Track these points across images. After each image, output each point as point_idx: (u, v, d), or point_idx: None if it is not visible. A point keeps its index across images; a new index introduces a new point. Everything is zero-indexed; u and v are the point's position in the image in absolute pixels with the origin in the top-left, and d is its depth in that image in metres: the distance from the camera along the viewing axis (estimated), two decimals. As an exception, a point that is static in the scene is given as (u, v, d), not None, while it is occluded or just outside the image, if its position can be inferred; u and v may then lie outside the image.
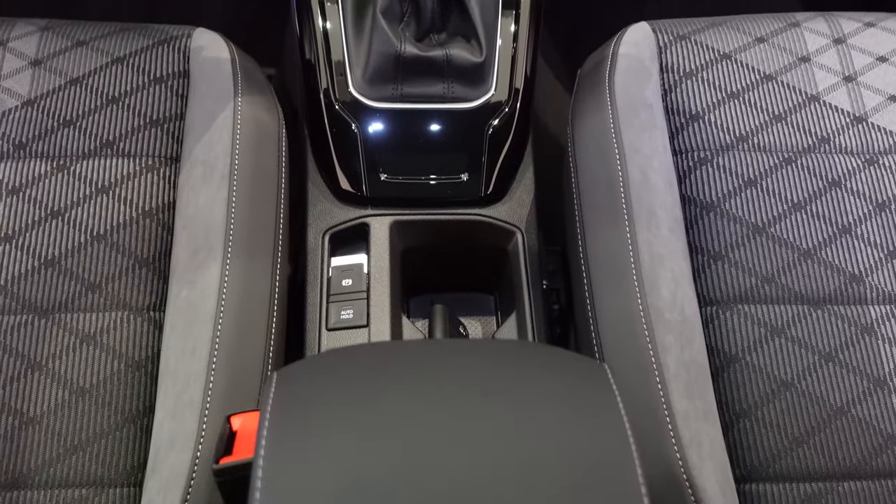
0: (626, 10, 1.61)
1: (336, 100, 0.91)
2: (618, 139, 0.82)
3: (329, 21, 0.94)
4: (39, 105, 0.85)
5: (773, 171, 0.83)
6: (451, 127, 0.91)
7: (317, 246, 0.90)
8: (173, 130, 0.85)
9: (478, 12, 0.89)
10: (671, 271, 0.75)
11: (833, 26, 0.94)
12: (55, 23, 0.91)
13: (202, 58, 0.88)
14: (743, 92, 0.88)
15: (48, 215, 0.79)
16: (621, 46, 0.89)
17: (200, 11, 1.57)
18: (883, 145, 0.86)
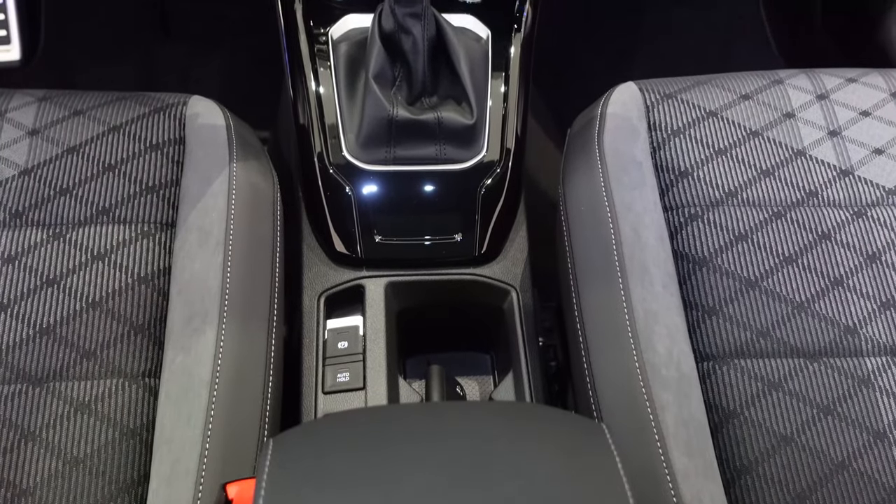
0: (612, 67, 1.65)
1: (330, 163, 0.92)
2: (609, 197, 0.83)
3: (322, 85, 0.96)
4: (36, 174, 0.86)
5: (763, 226, 0.84)
6: (444, 188, 0.92)
7: (312, 309, 0.90)
8: (169, 196, 0.85)
9: (468, 75, 0.91)
10: (666, 327, 0.75)
11: (816, 83, 0.96)
12: (53, 93, 0.93)
13: (198, 125, 0.89)
14: (730, 148, 0.90)
15: (44, 283, 0.79)
16: (609, 106, 0.91)
17: (196, 76, 1.60)
18: (870, 198, 0.87)
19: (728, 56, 1.70)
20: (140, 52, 1.62)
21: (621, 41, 1.71)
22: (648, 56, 1.68)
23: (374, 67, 0.90)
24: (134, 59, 1.62)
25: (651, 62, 1.67)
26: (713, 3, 1.75)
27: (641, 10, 1.74)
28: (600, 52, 1.69)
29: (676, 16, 1.73)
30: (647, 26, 1.72)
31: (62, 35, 1.61)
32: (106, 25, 1.65)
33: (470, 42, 0.97)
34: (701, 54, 1.69)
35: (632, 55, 1.69)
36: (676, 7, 1.74)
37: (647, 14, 1.73)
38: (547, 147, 1.43)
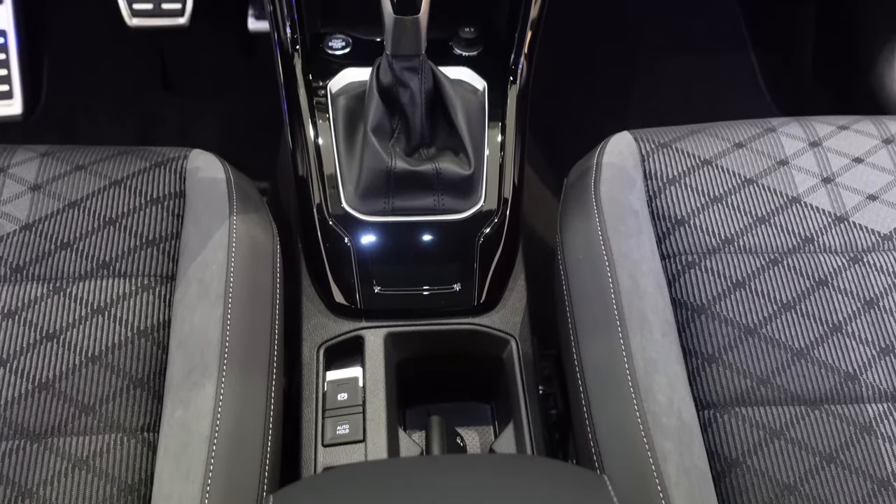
0: (606, 116, 1.67)
1: (329, 214, 0.93)
2: (606, 246, 0.84)
3: (321, 137, 0.97)
4: (37, 229, 0.86)
5: (760, 273, 0.85)
6: (442, 238, 0.93)
7: (312, 360, 0.90)
8: (169, 250, 0.86)
9: (465, 127, 0.92)
10: (666, 376, 0.75)
11: (808, 130, 0.97)
12: (55, 148, 0.94)
13: (198, 178, 0.90)
14: (726, 196, 0.90)
15: (43, 338, 0.79)
16: (605, 156, 0.92)
17: (196, 129, 1.62)
18: (866, 243, 0.88)
19: (721, 104, 1.73)
20: (141, 105, 1.65)
21: (615, 90, 1.73)
22: (642, 104, 1.71)
23: (372, 120, 0.91)
24: (135, 112, 1.64)
25: (645, 111, 1.70)
26: (705, 52, 1.78)
27: (635, 60, 1.77)
28: (595, 101, 1.71)
29: (670, 65, 1.76)
30: (641, 75, 1.75)
31: (64, 89, 1.64)
32: (107, 80, 1.68)
33: (466, 94, 0.99)
34: (694, 102, 1.72)
35: (626, 104, 1.72)
36: (669, 56, 1.77)
37: (641, 63, 1.76)
38: (544, 195, 1.44)
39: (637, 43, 1.78)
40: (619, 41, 1.78)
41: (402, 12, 0.83)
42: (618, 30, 1.80)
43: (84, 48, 1.67)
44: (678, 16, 1.82)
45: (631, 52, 1.77)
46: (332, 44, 1.05)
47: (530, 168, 1.44)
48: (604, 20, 1.80)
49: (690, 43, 1.79)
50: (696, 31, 1.81)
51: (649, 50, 1.78)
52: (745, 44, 1.81)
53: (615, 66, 1.76)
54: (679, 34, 1.80)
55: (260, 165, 1.42)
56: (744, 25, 1.81)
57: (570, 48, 1.71)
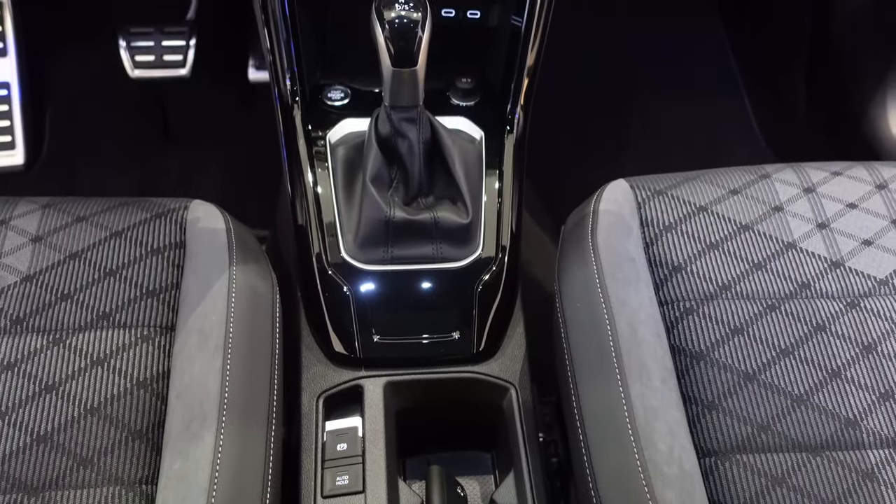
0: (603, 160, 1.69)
1: (328, 263, 0.93)
2: (604, 293, 0.84)
3: (321, 187, 0.98)
4: (38, 280, 0.87)
5: (758, 318, 0.85)
6: (441, 286, 0.93)
7: (311, 410, 0.89)
8: (169, 300, 0.86)
9: (462, 176, 0.93)
10: (666, 424, 0.75)
11: (802, 176, 0.98)
12: (56, 200, 0.95)
13: (198, 229, 0.91)
14: (722, 242, 0.91)
15: (42, 390, 0.79)
16: (601, 203, 0.93)
17: (197, 178, 1.63)
18: (862, 288, 0.88)
19: (716, 148, 1.75)
20: (142, 155, 1.66)
21: (611, 136, 1.76)
22: (638, 150, 1.73)
23: (371, 170, 0.92)
24: (136, 162, 1.66)
25: (641, 156, 1.72)
26: (700, 97, 1.81)
27: (630, 106, 1.79)
28: (591, 148, 1.73)
29: (665, 111, 1.78)
30: (637, 121, 1.77)
31: (65, 139, 1.66)
32: (108, 129, 1.70)
33: (464, 143, 1.01)
34: (690, 148, 1.73)
35: (622, 150, 1.74)
36: (665, 103, 1.80)
37: (636, 110, 1.79)
38: (542, 241, 1.45)
39: (632, 89, 1.81)
40: (615, 89, 1.81)
41: (399, 65, 0.84)
42: (613, 77, 1.83)
43: (86, 99, 1.70)
44: (672, 62, 1.85)
45: (626, 98, 1.80)
46: (331, 95, 1.07)
47: (528, 214, 1.45)
48: (599, 68, 1.83)
49: (685, 89, 1.82)
50: (691, 77, 1.84)
51: (645, 96, 1.80)
52: (739, 89, 1.83)
53: (611, 112, 1.78)
54: (674, 80, 1.83)
55: (260, 214, 1.43)
56: (737, 71, 1.84)
57: (566, 96, 1.73)
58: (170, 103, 1.71)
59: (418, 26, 0.82)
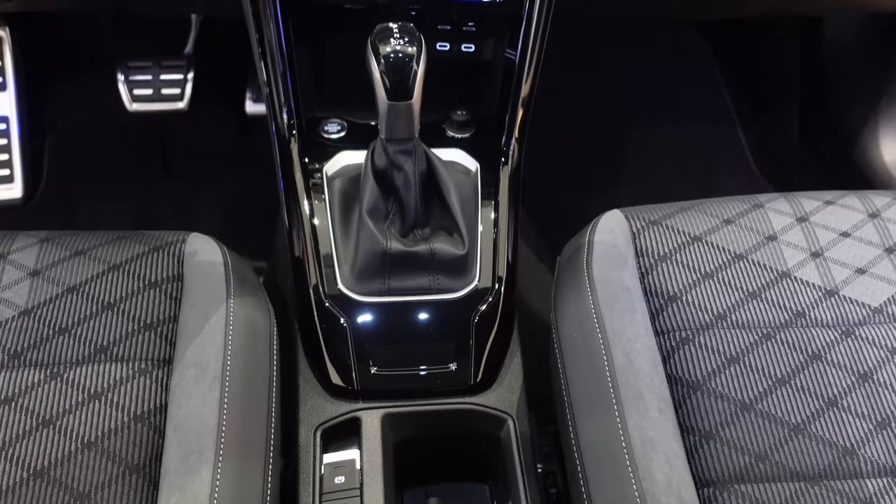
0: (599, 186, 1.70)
1: (325, 295, 0.94)
2: (600, 324, 0.84)
3: (317, 219, 0.99)
4: (36, 314, 0.87)
5: (753, 348, 0.85)
6: (438, 317, 0.93)
7: (308, 443, 0.89)
8: (166, 333, 0.86)
9: (458, 207, 0.94)
10: (664, 454, 0.75)
11: (795, 206, 0.99)
12: (55, 234, 0.95)
13: (196, 262, 0.91)
14: (716, 272, 0.92)
15: (39, 424, 0.79)
16: (596, 234, 0.93)
17: (195, 209, 1.64)
18: (856, 317, 0.89)
19: (711, 178, 1.76)
20: (140, 187, 1.67)
21: (607, 166, 1.77)
22: (633, 180, 1.74)
23: (367, 202, 0.93)
24: (134, 194, 1.66)
25: (636, 185, 1.73)
26: (695, 128, 1.83)
27: (625, 136, 1.81)
28: (587, 177, 1.74)
29: (660, 141, 1.80)
30: (631, 150, 1.79)
31: (64, 172, 1.66)
32: (107, 162, 1.71)
33: (459, 175, 1.01)
34: (685, 177, 1.75)
35: (617, 179, 1.75)
36: (659, 133, 1.81)
37: (631, 139, 1.80)
38: (539, 270, 1.45)
39: (627, 121, 1.83)
40: (610, 120, 1.83)
41: (395, 98, 0.85)
42: (608, 109, 1.84)
43: (84, 131, 1.71)
44: (667, 95, 1.87)
45: (621, 129, 1.82)
46: (327, 128, 1.08)
47: (524, 244, 1.46)
48: (594, 100, 1.85)
49: (680, 120, 1.84)
50: (686, 109, 1.86)
51: (639, 127, 1.82)
52: (733, 120, 1.85)
53: (606, 143, 1.80)
54: (668, 112, 1.85)
55: (257, 245, 1.43)
56: (730, 103, 1.86)
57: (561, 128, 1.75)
58: (168, 136, 1.73)
59: (413, 60, 0.83)
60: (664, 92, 1.88)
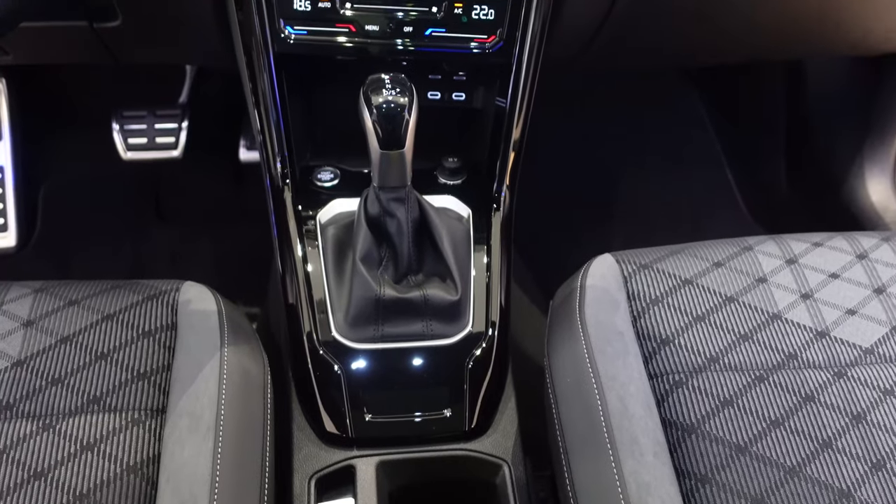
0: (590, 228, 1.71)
1: (319, 343, 0.94)
2: (593, 368, 0.85)
3: (311, 266, 0.99)
4: (29, 365, 0.87)
5: (747, 390, 0.85)
6: (432, 363, 0.93)
7: (303, 492, 0.89)
8: (160, 382, 0.86)
9: (451, 254, 0.95)
10: (660, 499, 0.75)
11: (784, 248, 1.00)
12: (49, 284, 0.95)
13: (189, 310, 0.91)
14: (708, 314, 0.92)
15: (31, 477, 0.78)
16: (588, 278, 0.94)
17: (188, 257, 1.64)
18: (848, 358, 0.89)
19: (701, 220, 1.78)
20: (134, 235, 1.68)
21: (597, 210, 1.79)
22: (623, 222, 1.76)
23: (361, 250, 0.93)
24: (128, 242, 1.67)
25: (626, 229, 1.74)
26: (684, 171, 1.85)
27: (613, 179, 1.83)
28: (577, 220, 1.76)
29: (650, 184, 1.82)
30: (620, 194, 1.81)
31: (58, 219, 1.67)
32: (101, 209, 1.71)
33: (452, 222, 1.02)
34: (676, 219, 1.76)
35: (608, 222, 1.76)
36: (649, 176, 1.83)
37: (619, 182, 1.82)
38: (532, 314, 1.46)
39: (616, 164, 1.85)
40: (599, 163, 1.85)
41: (387, 147, 0.87)
42: (596, 153, 1.87)
43: (79, 180, 1.72)
44: (654, 136, 1.89)
45: (610, 172, 1.84)
46: (320, 176, 1.09)
47: (517, 286, 1.46)
48: (583, 146, 1.87)
49: (669, 163, 1.86)
50: (674, 153, 1.88)
51: (628, 170, 1.84)
52: (721, 161, 1.88)
53: (595, 186, 1.82)
54: (656, 153, 1.88)
55: (251, 292, 1.43)
56: (717, 143, 1.89)
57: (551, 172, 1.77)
58: (162, 184, 1.74)
59: (405, 110, 0.85)
60: (652, 135, 1.90)
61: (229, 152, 1.61)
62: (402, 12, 0.96)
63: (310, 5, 0.96)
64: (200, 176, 1.72)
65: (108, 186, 1.71)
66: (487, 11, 0.97)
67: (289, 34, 0.97)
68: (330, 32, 0.97)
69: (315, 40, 0.98)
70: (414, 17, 0.97)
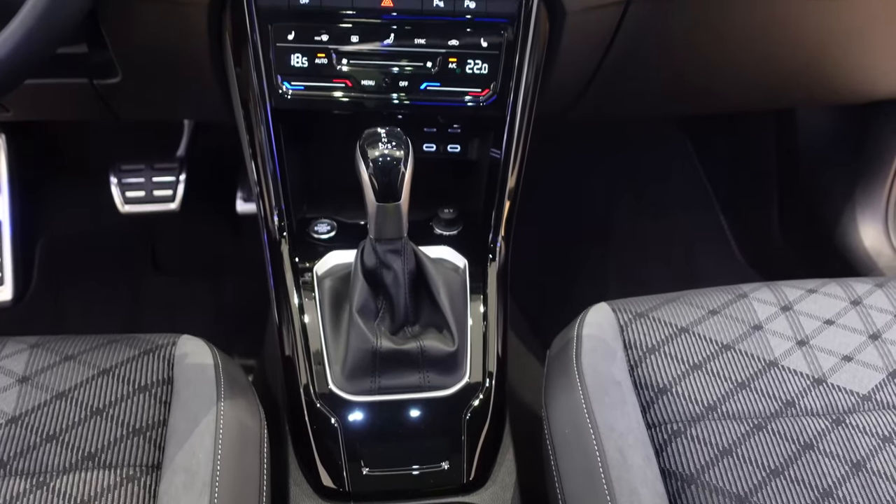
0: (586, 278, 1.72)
1: (316, 396, 0.93)
2: (591, 419, 0.84)
3: (308, 318, 0.99)
4: (24, 422, 0.86)
5: (746, 439, 0.85)
6: (429, 415, 0.93)
7: None
8: (155, 438, 0.86)
9: (447, 304, 0.95)
10: (661, 552, 0.74)
11: (778, 295, 1.01)
12: (45, 339, 0.95)
13: (186, 364, 0.91)
14: (705, 363, 0.92)
15: None
16: (584, 328, 0.94)
17: (185, 308, 1.64)
18: (846, 405, 0.89)
19: (695, 265, 1.78)
20: (131, 288, 1.68)
21: (592, 258, 1.79)
22: (618, 268, 1.76)
23: (357, 301, 0.94)
24: (125, 294, 1.67)
25: (621, 274, 1.75)
26: (677, 218, 1.86)
27: (608, 226, 1.84)
28: (572, 268, 1.77)
29: (644, 231, 1.83)
30: (615, 240, 1.82)
31: (55, 272, 1.67)
32: (98, 262, 1.72)
33: (448, 272, 1.03)
34: (671, 266, 1.77)
35: (603, 267, 1.77)
36: (644, 223, 1.85)
37: (614, 229, 1.84)
38: (528, 362, 1.45)
39: (611, 211, 1.86)
40: (593, 210, 1.87)
41: (384, 200, 0.88)
42: (591, 200, 1.88)
43: (76, 232, 1.73)
44: (649, 187, 1.91)
45: (605, 219, 1.85)
46: (317, 228, 1.10)
47: (513, 336, 1.46)
48: (577, 194, 1.89)
49: (662, 209, 1.88)
50: (667, 198, 1.90)
51: (623, 217, 1.85)
52: (714, 205, 1.89)
53: (590, 233, 1.83)
54: (650, 201, 1.89)
55: (248, 343, 1.43)
56: (710, 190, 1.91)
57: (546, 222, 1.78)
58: (159, 236, 1.75)
59: (401, 163, 0.86)
60: (645, 181, 1.92)
61: (226, 204, 1.62)
62: (398, 67, 0.98)
63: (307, 62, 0.98)
64: (197, 228, 1.73)
65: (106, 239, 1.71)
66: (481, 66, 0.99)
67: (286, 90, 0.99)
68: (327, 88, 0.99)
69: (312, 96, 1.00)
70: (409, 72, 0.99)
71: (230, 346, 0.99)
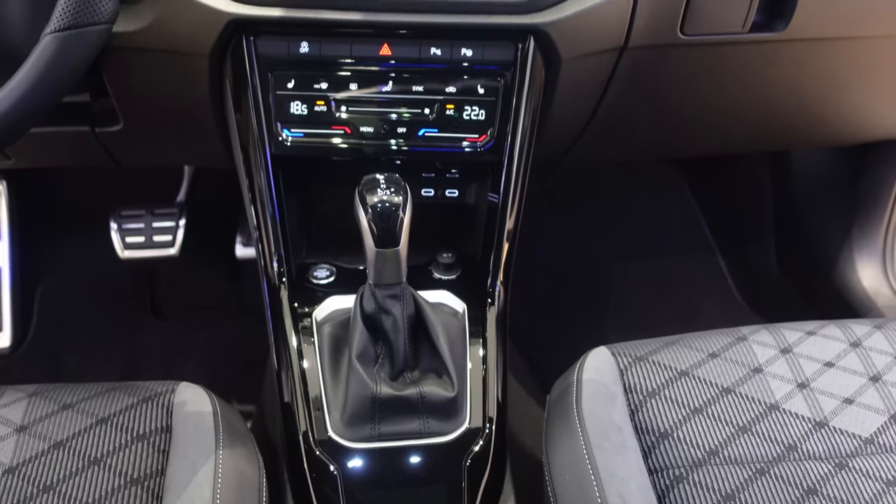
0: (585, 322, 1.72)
1: (315, 443, 0.93)
2: (592, 465, 0.84)
3: (307, 364, 0.99)
4: (20, 472, 0.86)
5: (748, 484, 0.84)
6: (429, 462, 0.92)
7: None
8: (153, 488, 0.85)
9: (447, 350, 0.95)
10: None
11: (778, 337, 1.01)
12: (44, 387, 0.95)
13: (184, 412, 0.91)
14: (706, 406, 0.92)
15: None
16: (584, 372, 0.94)
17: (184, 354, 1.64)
18: (848, 448, 0.89)
19: (693, 307, 1.78)
20: (129, 333, 1.68)
21: (591, 297, 1.80)
22: (617, 311, 1.76)
23: (357, 347, 0.93)
24: (123, 340, 1.67)
25: (620, 317, 1.75)
26: (676, 260, 1.87)
27: (606, 268, 1.84)
28: (572, 311, 1.77)
29: (640, 271, 1.84)
30: (614, 283, 1.82)
31: (54, 318, 1.67)
32: (97, 307, 1.72)
33: (447, 317, 1.03)
34: (668, 306, 1.77)
35: (602, 310, 1.77)
36: (639, 263, 1.85)
37: (613, 272, 1.84)
38: (529, 406, 1.44)
39: (609, 254, 1.87)
40: (591, 253, 1.87)
41: (382, 245, 0.88)
42: (588, 243, 1.89)
43: (75, 278, 1.73)
44: (645, 225, 1.92)
45: (603, 262, 1.86)
46: (316, 273, 1.10)
47: (514, 380, 1.46)
48: (574, 234, 1.90)
49: (660, 251, 1.88)
50: (665, 240, 1.91)
51: (621, 259, 1.86)
52: (712, 247, 1.90)
53: (588, 276, 1.83)
54: (648, 243, 1.90)
55: (247, 389, 1.42)
56: (708, 232, 1.92)
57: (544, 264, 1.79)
58: (158, 281, 1.75)
59: (399, 209, 0.86)
60: (642, 222, 1.93)
61: (226, 248, 1.62)
62: (396, 114, 1.00)
63: (306, 109, 0.99)
64: (197, 273, 1.73)
65: (105, 284, 1.71)
66: (478, 112, 1.00)
67: (286, 137, 1.00)
68: (326, 134, 1.00)
69: (311, 142, 1.01)
70: (407, 119, 1.00)
71: (229, 391, 0.98)
